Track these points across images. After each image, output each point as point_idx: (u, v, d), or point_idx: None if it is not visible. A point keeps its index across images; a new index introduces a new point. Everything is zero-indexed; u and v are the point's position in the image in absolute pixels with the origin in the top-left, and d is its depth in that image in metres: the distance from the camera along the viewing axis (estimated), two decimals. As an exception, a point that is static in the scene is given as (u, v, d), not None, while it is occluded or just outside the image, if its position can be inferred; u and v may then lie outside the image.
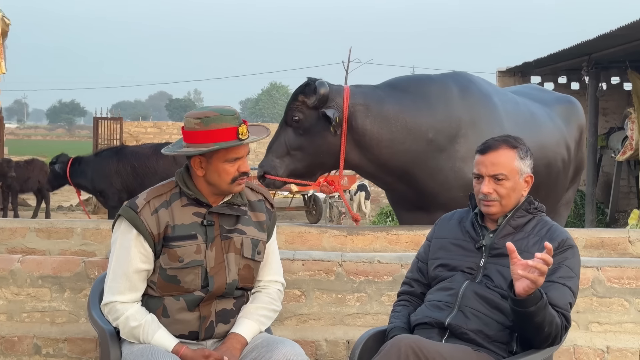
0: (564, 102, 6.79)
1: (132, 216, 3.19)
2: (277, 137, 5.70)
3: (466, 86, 5.84)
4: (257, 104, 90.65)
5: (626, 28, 11.08)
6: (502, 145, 3.27)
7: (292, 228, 5.48)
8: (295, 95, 5.70)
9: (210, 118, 3.17)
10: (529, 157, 3.30)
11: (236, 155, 3.22)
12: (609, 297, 4.29)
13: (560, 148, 6.28)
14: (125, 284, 3.19)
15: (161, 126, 27.03)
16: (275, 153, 5.66)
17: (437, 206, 5.54)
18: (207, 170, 3.23)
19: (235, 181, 3.24)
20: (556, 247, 3.14)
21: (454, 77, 5.97)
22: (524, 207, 3.31)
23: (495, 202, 3.25)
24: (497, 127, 5.60)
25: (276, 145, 5.68)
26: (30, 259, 4.37)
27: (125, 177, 12.39)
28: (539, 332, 3.02)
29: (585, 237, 5.51)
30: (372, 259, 4.37)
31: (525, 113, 6.13)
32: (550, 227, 3.27)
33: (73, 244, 5.50)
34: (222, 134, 3.16)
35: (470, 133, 5.63)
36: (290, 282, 4.21)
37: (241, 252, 3.30)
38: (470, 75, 6.12)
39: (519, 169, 3.26)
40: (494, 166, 3.24)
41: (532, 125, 6.00)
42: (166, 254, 3.19)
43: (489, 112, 5.79)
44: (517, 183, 3.25)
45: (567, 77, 16.66)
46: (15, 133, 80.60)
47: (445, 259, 3.37)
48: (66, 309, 4.29)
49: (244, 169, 3.25)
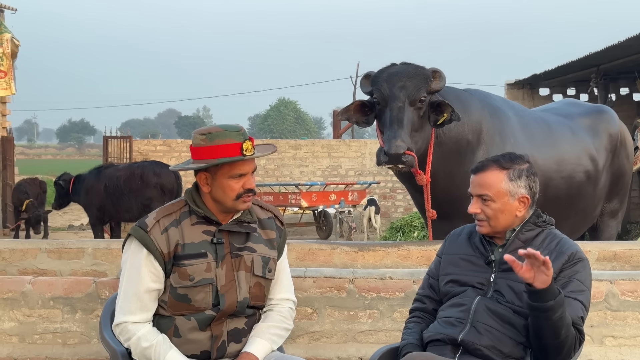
0: (591, 113, 6.84)
1: (142, 235, 3.19)
2: (398, 114, 5.40)
3: (483, 99, 6.04)
4: (266, 120, 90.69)
5: (634, 39, 11.09)
6: (492, 165, 3.28)
7: (302, 245, 5.46)
8: (421, 76, 5.51)
9: (215, 134, 3.18)
10: (525, 178, 3.26)
11: (240, 172, 3.22)
12: (623, 310, 4.26)
13: (582, 160, 6.35)
14: (137, 304, 3.18)
15: (170, 144, 27.05)
16: (407, 130, 5.37)
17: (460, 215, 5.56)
18: (212, 186, 3.23)
19: (240, 198, 3.23)
20: (566, 260, 3.14)
21: (471, 91, 6.22)
22: (532, 221, 3.29)
23: (484, 222, 3.27)
24: (511, 138, 5.80)
25: (406, 122, 5.37)
26: (41, 280, 4.36)
27: (99, 195, 12.54)
28: (556, 335, 2.99)
29: (597, 249, 5.47)
30: (383, 275, 4.35)
31: (543, 127, 6.26)
32: (560, 240, 3.26)
33: (84, 264, 5.50)
34: (226, 150, 3.16)
35: (488, 141, 5.78)
36: (302, 300, 4.19)
37: (252, 270, 3.29)
38: (486, 92, 6.35)
39: (508, 191, 3.23)
40: (480, 187, 3.27)
41: (549, 139, 6.08)
42: (176, 273, 3.18)
43: (503, 124, 5.93)
44: (507, 204, 3.23)
45: (575, 88, 16.65)
46: (26, 153, 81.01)
47: (456, 275, 3.35)
48: (78, 330, 4.28)
49: (249, 186, 3.24)
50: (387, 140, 5.28)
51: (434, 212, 5.72)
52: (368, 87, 5.70)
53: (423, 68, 5.57)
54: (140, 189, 12.39)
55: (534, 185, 3.28)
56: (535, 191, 3.30)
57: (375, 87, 5.58)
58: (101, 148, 23.63)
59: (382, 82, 5.52)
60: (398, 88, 5.43)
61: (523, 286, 3.04)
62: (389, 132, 5.33)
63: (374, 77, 5.64)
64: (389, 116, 5.40)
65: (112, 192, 12.41)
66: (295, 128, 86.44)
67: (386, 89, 5.47)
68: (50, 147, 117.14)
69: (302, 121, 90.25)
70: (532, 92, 16.87)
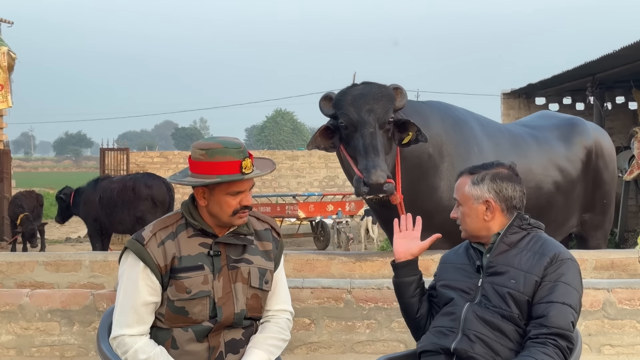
0: (563, 125, 6.81)
1: (139, 249, 3.19)
2: (372, 140, 5.21)
3: (443, 111, 6.01)
4: (263, 131, 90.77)
5: (630, 48, 11.12)
6: (464, 172, 3.42)
7: (300, 255, 5.47)
8: (386, 96, 5.34)
9: (214, 150, 3.18)
10: (489, 181, 3.31)
11: (238, 189, 3.22)
12: (620, 319, 4.26)
13: (550, 171, 6.33)
14: (133, 317, 3.18)
15: (167, 155, 27.11)
16: (382, 156, 5.21)
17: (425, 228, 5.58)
18: (209, 201, 3.24)
19: (236, 214, 3.24)
20: (548, 262, 3.16)
21: (431, 103, 6.20)
22: (516, 224, 3.32)
23: (461, 227, 3.38)
24: (474, 148, 5.82)
25: (380, 148, 5.20)
26: (38, 293, 4.36)
27: (95, 207, 12.58)
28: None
29: (594, 258, 5.48)
30: (381, 285, 4.36)
31: (508, 138, 6.25)
32: (544, 242, 3.28)
33: (81, 277, 5.50)
34: (225, 167, 3.16)
35: (453, 153, 5.74)
36: (300, 310, 4.19)
37: (249, 281, 3.29)
38: (447, 103, 6.27)
39: (471, 194, 3.32)
40: (454, 192, 3.43)
41: (514, 150, 6.07)
42: (173, 286, 3.18)
43: (465, 136, 5.91)
44: (472, 208, 3.32)
45: (572, 97, 16.68)
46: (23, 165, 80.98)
47: (447, 280, 3.41)
48: (75, 343, 4.28)
49: (245, 203, 3.24)
50: (365, 171, 5.08)
51: None
52: (330, 110, 5.44)
53: (386, 87, 5.39)
54: (133, 201, 12.40)
55: (502, 189, 3.31)
56: (509, 196, 3.32)
57: (340, 112, 5.32)
58: (98, 160, 23.67)
59: (347, 107, 5.28)
60: (366, 112, 5.24)
61: (506, 289, 3.13)
62: (365, 161, 5.13)
63: (337, 100, 5.39)
64: (362, 143, 5.20)
65: (106, 204, 12.44)
66: (292, 139, 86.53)
67: (354, 113, 5.25)
68: (47, 159, 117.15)
69: (299, 132, 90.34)
70: (528, 102, 16.89)
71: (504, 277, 3.18)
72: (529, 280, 3.13)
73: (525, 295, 3.13)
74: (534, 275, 3.14)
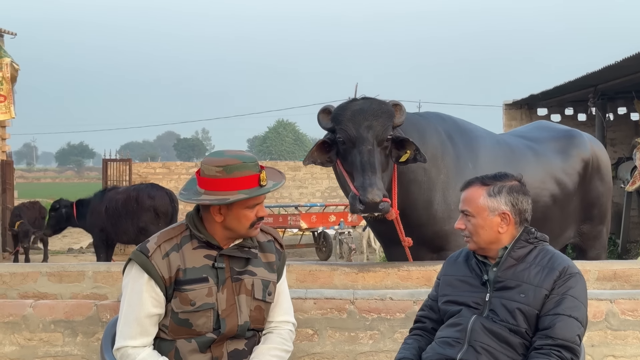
0: (562, 137, 6.79)
1: (143, 260, 3.19)
2: (369, 158, 5.16)
3: (440, 123, 5.98)
4: (265, 142, 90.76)
5: (631, 59, 11.12)
6: (475, 183, 3.37)
7: (303, 266, 5.46)
8: (386, 113, 5.29)
9: (232, 166, 3.18)
10: (506, 194, 3.30)
11: (256, 202, 3.25)
12: (623, 330, 4.26)
13: (546, 184, 6.30)
14: (137, 329, 3.19)
15: (170, 166, 27.10)
16: (379, 175, 5.17)
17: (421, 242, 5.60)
18: (226, 216, 3.24)
19: (253, 226, 3.27)
20: (557, 276, 3.17)
21: (427, 115, 6.17)
22: (523, 238, 3.33)
23: (469, 238, 3.34)
24: (469, 163, 5.78)
25: (377, 166, 5.16)
26: (42, 303, 4.37)
27: (101, 217, 12.64)
28: None
29: (597, 269, 5.48)
30: (384, 296, 4.36)
31: (505, 150, 6.22)
32: (552, 255, 3.29)
33: (85, 287, 5.50)
34: (245, 182, 3.18)
35: (450, 165, 5.73)
36: (302, 321, 4.19)
37: (252, 293, 3.30)
38: (445, 114, 6.23)
39: (487, 206, 3.29)
40: (463, 203, 3.37)
41: (511, 162, 6.01)
42: (178, 298, 3.19)
43: (461, 148, 5.89)
44: (487, 220, 3.29)
45: (573, 108, 16.67)
46: (25, 176, 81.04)
47: (452, 296, 3.38)
48: (79, 354, 4.28)
49: (261, 214, 3.28)
50: (361, 189, 5.05)
51: (409, 239, 5.56)
52: (328, 124, 5.40)
53: (385, 103, 5.35)
54: (136, 212, 12.45)
55: (518, 202, 3.31)
56: (523, 209, 3.32)
57: (339, 127, 5.28)
58: (100, 171, 23.64)
59: (346, 122, 5.24)
60: (365, 128, 5.19)
61: (516, 304, 3.13)
62: (362, 178, 5.10)
63: (336, 114, 5.34)
64: (359, 160, 5.16)
65: (112, 214, 12.50)
66: (294, 149, 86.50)
67: (352, 129, 5.21)
68: (50, 170, 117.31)
69: (301, 142, 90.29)
70: (530, 112, 16.88)
71: (512, 291, 3.18)
72: (539, 294, 3.14)
73: (535, 308, 3.13)
74: (543, 289, 3.14)
